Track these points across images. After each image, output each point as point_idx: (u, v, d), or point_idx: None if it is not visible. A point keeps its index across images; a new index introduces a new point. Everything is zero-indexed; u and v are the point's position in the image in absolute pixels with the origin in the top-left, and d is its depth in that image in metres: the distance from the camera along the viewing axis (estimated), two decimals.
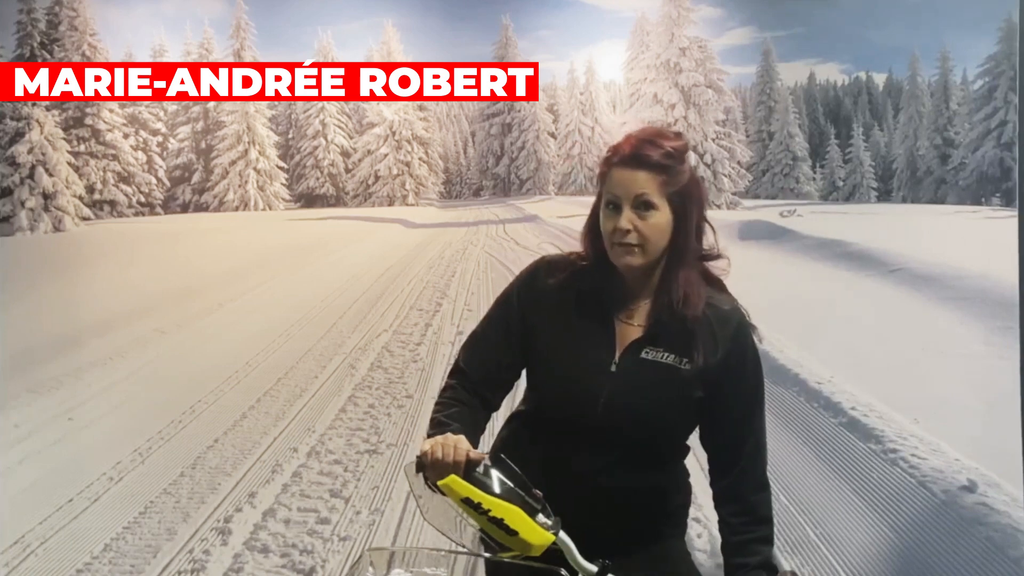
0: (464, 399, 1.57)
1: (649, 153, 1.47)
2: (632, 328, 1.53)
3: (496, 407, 1.63)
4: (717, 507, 1.56)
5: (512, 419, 1.65)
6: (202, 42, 15.06)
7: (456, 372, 1.62)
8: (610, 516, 1.52)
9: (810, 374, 5.27)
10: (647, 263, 1.50)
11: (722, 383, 1.51)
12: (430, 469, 1.39)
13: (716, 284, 1.58)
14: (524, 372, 1.64)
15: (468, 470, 1.37)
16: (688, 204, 1.50)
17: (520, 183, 16.44)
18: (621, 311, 1.54)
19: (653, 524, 1.57)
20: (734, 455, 1.54)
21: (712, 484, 1.57)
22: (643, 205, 1.47)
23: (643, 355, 1.51)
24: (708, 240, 1.57)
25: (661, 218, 1.47)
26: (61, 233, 12.16)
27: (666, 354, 1.50)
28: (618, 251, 1.49)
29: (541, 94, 16.26)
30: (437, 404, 1.59)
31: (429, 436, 1.47)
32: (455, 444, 1.39)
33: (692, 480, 1.65)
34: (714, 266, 1.58)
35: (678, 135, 1.54)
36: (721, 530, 1.55)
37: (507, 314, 1.61)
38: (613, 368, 1.51)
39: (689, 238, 1.51)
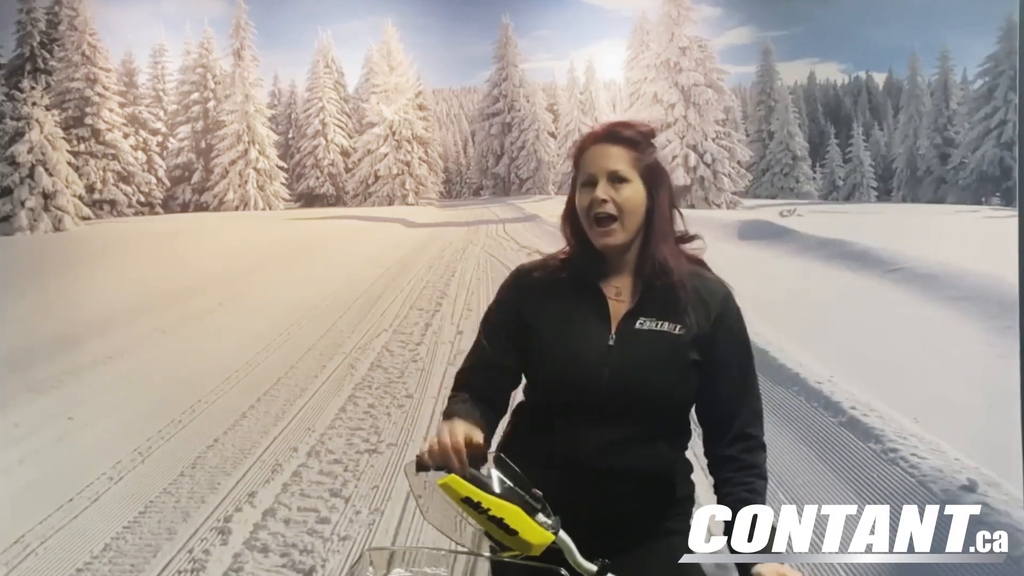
0: (469, 401, 1.59)
1: (620, 130, 1.59)
2: (622, 303, 1.58)
3: (504, 410, 1.65)
4: (716, 471, 1.57)
5: (516, 412, 1.66)
6: (202, 42, 15.05)
7: (459, 384, 1.64)
8: (617, 502, 1.53)
9: (810, 373, 5.27)
10: (627, 239, 1.56)
11: (715, 347, 1.56)
12: (432, 459, 1.39)
13: (698, 263, 1.64)
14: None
15: (471, 459, 1.37)
16: (659, 182, 1.58)
17: (520, 183, 16.42)
18: (609, 289, 1.59)
19: (659, 514, 1.58)
20: (731, 419, 1.57)
21: (709, 452, 1.59)
22: (617, 179, 1.55)
23: (637, 326, 1.55)
24: (679, 226, 1.64)
25: (635, 191, 1.55)
26: (61, 233, 12.15)
27: (659, 322, 1.55)
28: (597, 232, 1.55)
29: (541, 93, 16.25)
30: (443, 413, 1.60)
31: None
32: (450, 431, 1.41)
33: (693, 478, 1.66)
34: (691, 247, 1.65)
35: (646, 123, 1.64)
36: (718, 487, 1.56)
37: (500, 319, 1.64)
38: (611, 342, 1.55)
39: (663, 215, 1.58)
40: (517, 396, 1.68)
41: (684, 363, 1.55)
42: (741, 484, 1.51)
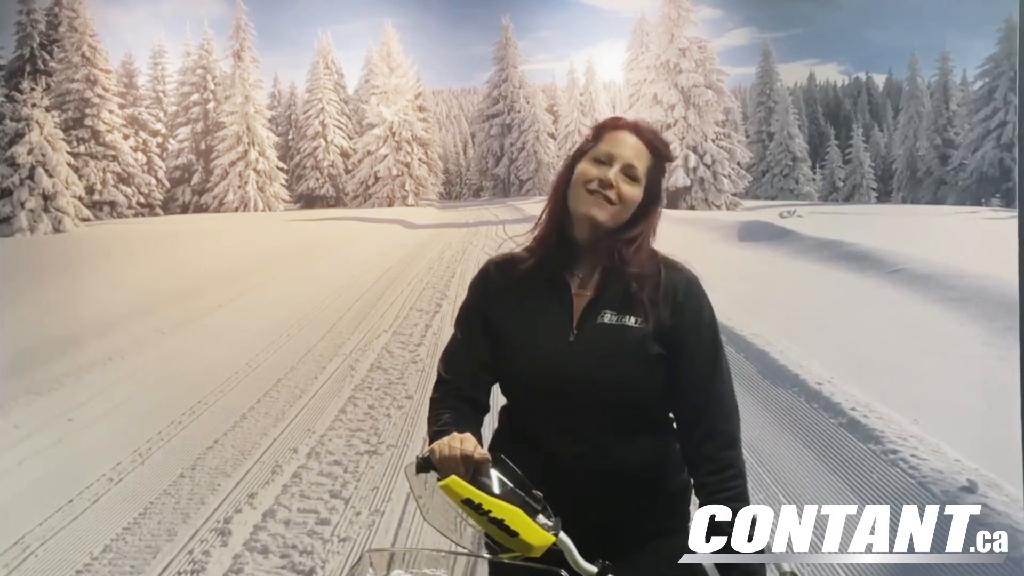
0: (454, 405, 1.59)
1: (653, 136, 1.60)
2: (585, 296, 1.57)
3: (486, 408, 1.64)
4: (692, 471, 1.56)
5: (501, 416, 1.66)
6: (202, 43, 15.07)
7: (440, 383, 1.64)
8: (605, 504, 1.52)
9: (810, 375, 5.27)
10: (610, 224, 1.54)
11: (678, 339, 1.54)
12: (439, 466, 1.39)
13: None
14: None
15: (474, 468, 1.38)
16: (655, 198, 1.59)
17: (520, 184, 16.44)
18: (575, 280, 1.59)
19: (649, 513, 1.56)
20: (699, 413, 1.54)
21: (682, 449, 1.57)
22: (630, 174, 1.55)
23: (598, 320, 1.54)
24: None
25: (635, 194, 1.55)
26: (61, 234, 12.16)
27: (620, 316, 1.54)
28: (589, 200, 1.54)
29: (540, 95, 16.27)
30: (430, 418, 1.60)
31: (431, 443, 1.48)
32: (461, 439, 1.42)
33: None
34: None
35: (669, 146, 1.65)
36: (697, 492, 1.54)
37: (471, 318, 1.65)
38: (571, 338, 1.54)
39: (648, 230, 1.58)
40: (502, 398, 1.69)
41: (646, 357, 1.52)
42: (722, 490, 1.49)
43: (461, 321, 1.67)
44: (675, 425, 1.59)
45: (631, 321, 1.53)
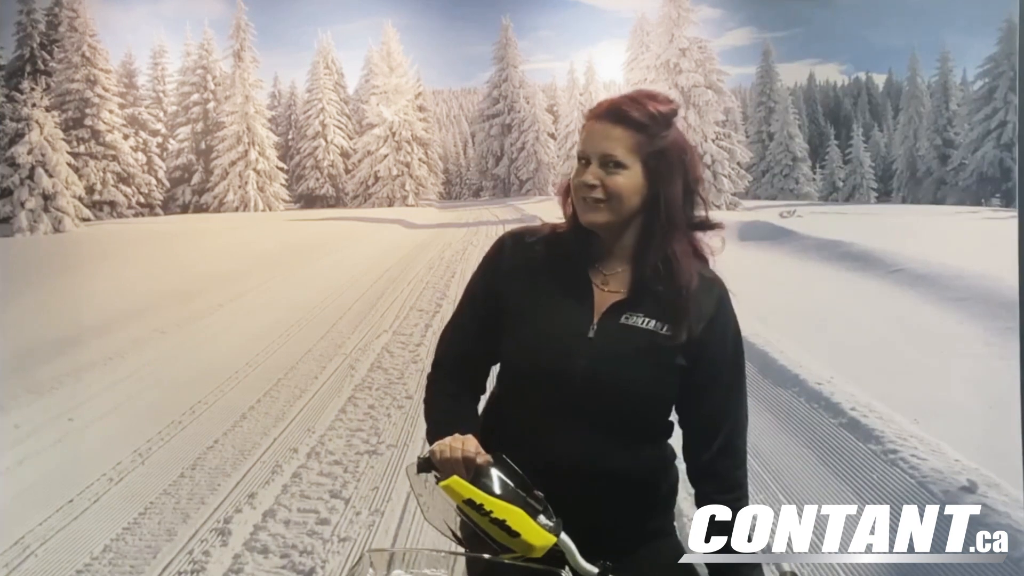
0: (451, 390, 1.55)
1: (628, 110, 1.43)
2: (611, 293, 1.48)
3: (484, 390, 1.59)
4: (697, 483, 1.52)
5: (488, 407, 1.60)
6: (202, 43, 15.05)
7: (437, 365, 1.59)
8: (596, 508, 1.46)
9: (810, 374, 5.27)
10: (613, 221, 1.44)
11: (704, 353, 1.46)
12: (440, 467, 1.39)
13: (702, 260, 1.53)
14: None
15: (475, 469, 1.37)
16: (669, 168, 1.44)
17: (520, 184, 16.43)
18: (598, 276, 1.49)
19: (640, 519, 1.51)
20: (716, 429, 1.50)
21: (690, 460, 1.53)
22: (612, 163, 1.42)
23: (623, 320, 1.45)
24: (699, 212, 1.52)
25: (630, 177, 1.43)
26: (61, 234, 12.15)
27: (647, 319, 1.45)
28: (583, 207, 1.45)
29: (540, 95, 16.26)
30: (427, 402, 1.56)
31: (430, 437, 1.47)
32: (463, 441, 1.39)
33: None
34: (707, 240, 1.54)
35: (669, 100, 1.48)
36: (700, 503, 1.50)
37: (477, 297, 1.57)
38: (591, 334, 1.45)
39: (672, 204, 1.45)
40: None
41: (668, 367, 1.45)
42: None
43: (467, 298, 1.59)
44: (685, 434, 1.54)
45: (658, 327, 1.45)
